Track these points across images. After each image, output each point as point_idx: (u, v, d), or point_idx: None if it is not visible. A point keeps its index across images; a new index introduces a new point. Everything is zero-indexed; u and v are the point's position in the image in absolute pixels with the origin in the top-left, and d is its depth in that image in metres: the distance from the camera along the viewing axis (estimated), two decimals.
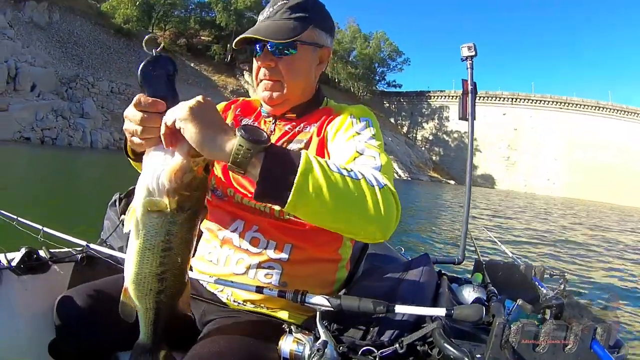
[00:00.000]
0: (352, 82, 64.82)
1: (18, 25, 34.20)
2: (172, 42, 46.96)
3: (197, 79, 44.73)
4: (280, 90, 1.22)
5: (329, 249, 1.25)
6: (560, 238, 12.04)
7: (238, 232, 1.19)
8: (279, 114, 1.30)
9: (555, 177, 65.16)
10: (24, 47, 32.92)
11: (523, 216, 19.20)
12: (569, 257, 8.82)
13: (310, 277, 1.20)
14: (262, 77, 1.23)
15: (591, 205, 41.64)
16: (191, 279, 1.10)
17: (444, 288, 1.44)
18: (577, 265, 7.88)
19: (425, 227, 11.23)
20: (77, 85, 34.39)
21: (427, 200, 23.64)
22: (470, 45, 2.37)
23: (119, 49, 41.05)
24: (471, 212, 2.96)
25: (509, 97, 68.50)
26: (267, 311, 1.19)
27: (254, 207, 1.20)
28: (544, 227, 14.99)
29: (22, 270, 1.41)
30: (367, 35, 64.35)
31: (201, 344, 1.04)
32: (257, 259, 1.17)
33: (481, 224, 11.96)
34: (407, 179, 52.46)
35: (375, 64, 66.41)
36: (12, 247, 1.45)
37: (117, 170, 11.73)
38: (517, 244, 9.70)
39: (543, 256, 8.60)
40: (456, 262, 2.36)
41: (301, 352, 0.99)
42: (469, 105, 2.45)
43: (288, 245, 1.17)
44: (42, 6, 37.98)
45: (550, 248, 9.83)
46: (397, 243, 3.01)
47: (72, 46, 38.34)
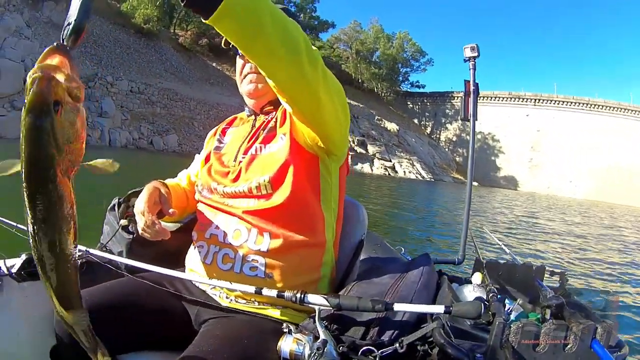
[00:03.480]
0: (376, 82, 62.70)
1: (36, 25, 32.75)
2: (194, 42, 44.76)
3: (219, 78, 42.46)
4: (264, 81, 1.21)
5: (309, 231, 1.21)
6: (565, 238, 11.83)
7: (221, 227, 1.22)
8: (259, 109, 1.37)
9: (577, 179, 62.31)
10: (42, 46, 30.53)
11: (531, 216, 18.48)
12: (572, 257, 8.71)
13: (294, 265, 1.18)
14: (248, 72, 1.31)
15: (612, 208, 39.52)
16: (185, 280, 1.25)
17: (445, 287, 1.38)
18: (578, 265, 7.81)
19: (430, 228, 10.96)
20: (95, 84, 32.65)
21: (450, 201, 21.70)
22: (473, 46, 2.33)
23: (139, 48, 38.99)
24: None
25: (532, 98, 65.65)
26: (264, 311, 1.18)
27: (233, 194, 1.22)
28: (551, 227, 14.75)
29: (22, 276, 1.39)
30: (390, 35, 62.13)
31: (196, 344, 1.03)
32: (241, 252, 1.17)
33: (481, 224, 11.49)
34: (430, 180, 49.61)
35: (399, 65, 64.13)
36: (12, 254, 1.44)
37: (132, 170, 11.23)
38: (520, 243, 9.64)
39: (544, 256, 8.39)
40: (456, 262, 2.27)
41: (301, 352, 0.97)
42: (471, 105, 2.40)
43: (267, 234, 1.17)
44: (61, 6, 36.07)
45: (553, 248, 9.70)
46: (398, 243, 3.13)
47: (92, 46, 36.62)
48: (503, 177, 64.91)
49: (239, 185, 1.21)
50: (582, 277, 6.72)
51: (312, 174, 1.23)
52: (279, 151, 1.21)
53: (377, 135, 51.16)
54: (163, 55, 40.56)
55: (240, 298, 1.18)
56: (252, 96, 1.33)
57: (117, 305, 1.12)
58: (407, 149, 53.20)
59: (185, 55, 42.82)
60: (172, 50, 42.08)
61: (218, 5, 0.80)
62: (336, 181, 1.30)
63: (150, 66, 37.93)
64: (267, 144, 1.26)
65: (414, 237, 9.03)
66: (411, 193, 24.35)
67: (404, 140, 54.24)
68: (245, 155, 1.27)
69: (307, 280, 1.21)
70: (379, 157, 48.78)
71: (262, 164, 1.21)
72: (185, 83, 38.51)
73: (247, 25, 0.87)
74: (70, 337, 1.05)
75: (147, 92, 34.42)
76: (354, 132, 48.32)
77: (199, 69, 41.97)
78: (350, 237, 1.44)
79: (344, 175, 1.36)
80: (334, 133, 1.19)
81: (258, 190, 1.18)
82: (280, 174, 1.17)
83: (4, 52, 28.28)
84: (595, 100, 62.92)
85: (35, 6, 34.45)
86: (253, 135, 1.32)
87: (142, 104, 32.29)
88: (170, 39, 43.53)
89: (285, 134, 1.22)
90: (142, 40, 39.98)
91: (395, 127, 54.90)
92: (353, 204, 1.51)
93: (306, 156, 1.21)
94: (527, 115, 65.50)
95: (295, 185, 1.17)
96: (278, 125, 1.27)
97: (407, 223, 11.27)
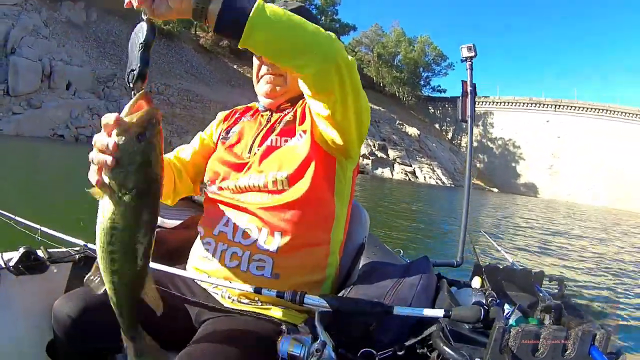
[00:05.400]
0: (397, 86, 60.96)
1: (54, 25, 32.62)
2: (215, 44, 43.74)
3: (240, 81, 41.41)
4: (283, 84, 1.27)
5: (319, 230, 1.22)
6: (567, 244, 11.47)
7: (230, 225, 1.19)
8: (276, 107, 1.33)
9: (597, 187, 59.71)
10: (60, 46, 31.51)
11: (536, 223, 17.44)
12: (571, 262, 8.54)
13: (301, 265, 1.18)
14: (265, 73, 1.29)
15: (630, 217, 37.26)
16: (186, 278, 1.22)
17: (444, 291, 1.36)
18: (578, 271, 7.65)
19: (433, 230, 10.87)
20: (114, 84, 32.17)
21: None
22: (470, 46, 2.25)
23: (159, 49, 38.20)
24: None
25: (552, 104, 63.36)
26: (265, 311, 1.16)
27: (246, 188, 1.20)
28: (553, 234, 14.10)
29: (20, 270, 1.38)
30: (411, 39, 60.41)
31: (195, 343, 1.03)
32: (249, 251, 1.15)
33: (481, 228, 10.84)
34: (451, 185, 47.23)
35: (420, 68, 62.30)
36: (10, 247, 1.43)
37: None
38: (520, 249, 9.28)
39: (544, 261, 8.22)
40: (455, 265, 2.22)
41: (299, 353, 0.96)
42: (469, 107, 2.32)
43: (277, 234, 1.15)
44: (79, 6, 36.12)
45: (554, 254, 9.45)
46: (397, 245, 2.96)
47: (110, 46, 36.06)
48: (523, 183, 62.89)
49: (253, 179, 1.19)
50: (582, 282, 6.62)
51: (329, 174, 1.21)
52: (299, 147, 1.18)
53: (398, 139, 49.87)
54: (183, 56, 40.22)
55: (243, 297, 1.16)
56: (269, 96, 1.31)
57: None
58: (428, 154, 51.73)
59: (206, 57, 42.37)
60: (193, 51, 41.65)
61: (242, 31, 0.84)
62: (349, 183, 1.29)
63: (170, 67, 37.55)
64: (284, 137, 1.23)
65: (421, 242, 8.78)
66: (430, 200, 22.99)
67: (424, 145, 52.80)
68: (261, 148, 1.24)
69: (312, 280, 1.19)
70: (399, 161, 47.40)
71: (280, 158, 1.18)
72: (205, 84, 38.00)
73: (273, 45, 0.89)
74: (67, 332, 1.09)
75: (167, 92, 34.09)
76: (375, 136, 47.46)
77: (219, 71, 41.43)
78: (353, 239, 1.40)
79: (355, 178, 1.34)
80: (355, 136, 1.16)
81: (274, 185, 1.16)
82: (300, 171, 1.16)
83: (20, 51, 28.63)
84: (616, 107, 61.19)
85: (53, 6, 34.51)
86: (270, 128, 1.28)
87: (161, 105, 32.40)
88: (191, 40, 43.14)
89: (306, 132, 1.20)
90: (162, 40, 39.59)
91: (416, 132, 53.50)
92: (355, 207, 1.45)
93: (325, 156, 1.19)
94: (548, 121, 63.43)
95: (313, 184, 1.15)
96: (298, 121, 1.24)
97: (419, 231, 10.66)
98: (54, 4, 34.06)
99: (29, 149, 18.17)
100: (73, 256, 1.51)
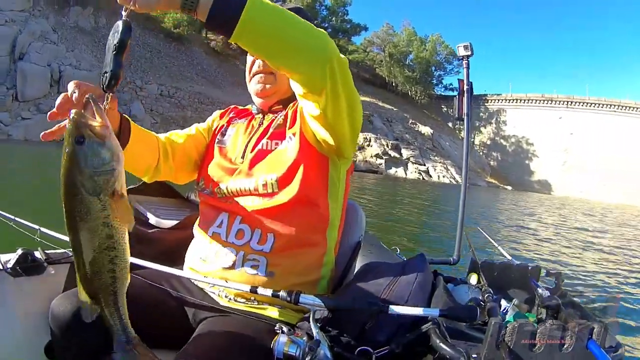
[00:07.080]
0: (410, 85, 59.95)
1: (62, 30, 31.97)
2: (226, 46, 42.59)
3: None
4: (273, 81, 1.25)
5: (313, 231, 1.19)
6: (564, 239, 11.18)
7: (224, 226, 1.18)
8: (267, 108, 1.31)
9: (611, 183, 58.06)
10: (68, 50, 30.77)
11: (539, 220, 16.84)
12: (570, 257, 8.28)
13: (296, 264, 1.16)
14: (257, 70, 1.26)
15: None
16: (183, 277, 1.21)
17: (440, 288, 1.35)
18: (576, 266, 7.40)
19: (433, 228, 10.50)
20: (124, 88, 31.20)
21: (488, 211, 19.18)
22: (466, 45, 2.29)
23: (169, 52, 37.45)
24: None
25: (564, 100, 61.83)
26: (261, 311, 1.14)
27: (238, 191, 1.18)
28: (553, 228, 13.96)
29: (17, 272, 1.37)
30: (423, 38, 59.28)
31: (192, 343, 1.02)
32: (243, 251, 1.14)
33: (477, 225, 9.69)
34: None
35: (432, 67, 61.08)
36: (9, 248, 1.41)
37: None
38: (518, 244, 9.04)
39: (542, 256, 7.89)
40: (452, 263, 2.25)
41: (295, 353, 0.93)
42: (465, 104, 2.37)
43: (270, 235, 1.13)
44: (88, 11, 35.24)
45: (552, 248, 9.20)
46: (394, 243, 2.93)
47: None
48: (537, 181, 61.51)
49: (244, 183, 1.18)
50: (581, 277, 6.53)
51: (322, 174, 1.19)
52: (289, 150, 1.17)
53: (411, 139, 48.76)
54: (194, 59, 39.37)
55: (240, 297, 1.15)
56: (260, 95, 1.29)
57: None
58: (442, 153, 50.51)
59: (216, 59, 41.52)
60: (203, 54, 40.79)
61: (234, 27, 0.81)
62: (343, 183, 1.27)
63: (181, 70, 36.71)
64: (275, 141, 1.22)
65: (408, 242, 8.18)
66: (445, 199, 21.81)
67: (438, 144, 51.69)
68: (252, 152, 1.23)
69: (307, 280, 1.18)
70: (413, 161, 46.18)
71: (270, 162, 1.18)
72: (216, 87, 37.08)
73: (263, 44, 0.87)
74: (64, 333, 1.05)
75: (177, 95, 33.34)
76: (388, 135, 46.33)
77: (231, 73, 40.34)
78: (349, 238, 1.38)
79: (349, 177, 1.31)
80: (348, 135, 1.14)
81: (264, 189, 1.15)
82: (289, 173, 1.14)
83: (29, 57, 27.98)
84: (628, 102, 59.74)
85: (61, 11, 33.83)
86: (263, 133, 1.26)
87: (172, 108, 31.77)
88: (202, 42, 42.25)
89: (295, 134, 1.17)
90: (173, 44, 38.96)
91: (429, 131, 52.32)
92: (351, 206, 1.42)
93: (317, 156, 1.17)
94: (560, 118, 62.05)
95: (305, 185, 1.13)
96: (288, 125, 1.22)
97: (422, 228, 10.48)
98: (62, 10, 33.52)
99: (37, 154, 17.76)
100: (70, 257, 1.44)
